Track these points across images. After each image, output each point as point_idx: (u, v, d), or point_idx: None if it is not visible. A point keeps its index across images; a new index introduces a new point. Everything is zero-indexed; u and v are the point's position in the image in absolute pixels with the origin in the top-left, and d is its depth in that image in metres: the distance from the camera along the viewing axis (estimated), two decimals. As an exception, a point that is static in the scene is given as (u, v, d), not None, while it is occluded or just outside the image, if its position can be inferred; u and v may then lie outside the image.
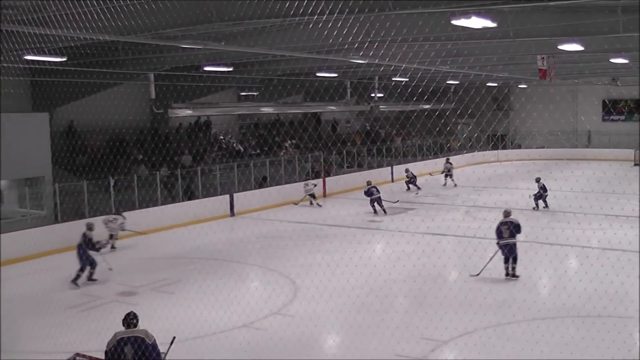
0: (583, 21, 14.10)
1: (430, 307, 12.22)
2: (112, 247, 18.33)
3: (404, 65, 19.31)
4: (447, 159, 31.93)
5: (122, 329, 7.47)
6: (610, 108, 43.45)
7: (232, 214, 23.38)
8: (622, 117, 44.16)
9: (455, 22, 12.02)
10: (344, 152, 32.09)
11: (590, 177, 29.79)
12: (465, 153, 39.69)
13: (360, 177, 30.14)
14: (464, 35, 14.85)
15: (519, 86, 43.47)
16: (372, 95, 33.44)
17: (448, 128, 43.29)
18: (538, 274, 14.44)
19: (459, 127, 43.66)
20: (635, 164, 38.08)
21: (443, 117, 40.75)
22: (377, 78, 31.95)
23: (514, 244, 14.27)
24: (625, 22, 13.78)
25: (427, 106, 36.37)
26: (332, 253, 16.75)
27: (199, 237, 19.01)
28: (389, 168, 32.84)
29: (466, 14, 11.60)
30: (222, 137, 30.56)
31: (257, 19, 11.06)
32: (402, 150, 37.36)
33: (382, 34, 12.86)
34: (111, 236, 18.35)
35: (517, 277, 14.25)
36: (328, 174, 29.83)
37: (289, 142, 31.54)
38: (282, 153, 30.03)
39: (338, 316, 12.05)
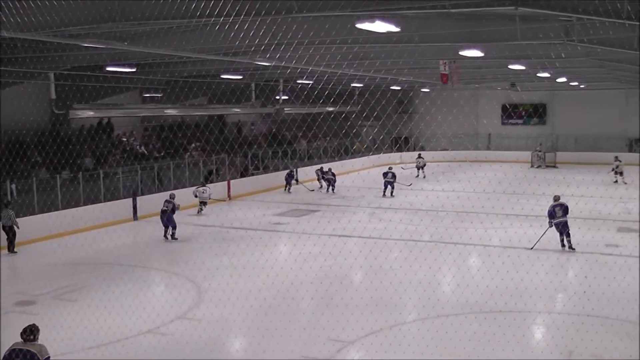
0: (484, 28, 14.71)
1: (337, 308, 12.43)
2: (200, 211, 24.01)
3: (310, 68, 19.51)
4: (419, 155, 35.24)
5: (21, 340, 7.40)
6: (511, 112, 45.55)
7: (136, 218, 22.95)
8: (521, 121, 46.44)
9: (359, 25, 12.27)
10: (250, 154, 32.05)
11: (492, 178, 31.11)
12: (372, 155, 40.45)
13: (265, 180, 30.22)
14: (371, 38, 15.17)
15: (422, 90, 44.70)
16: (278, 97, 33.62)
17: (354, 130, 43.98)
18: (443, 273, 14.93)
19: (364, 129, 44.47)
20: (532, 166, 40.12)
21: (349, 119, 41.40)
22: (282, 81, 32.13)
23: (566, 222, 17.30)
24: (524, 30, 14.48)
25: (332, 109, 36.86)
26: (237, 256, 16.73)
27: (102, 242, 18.59)
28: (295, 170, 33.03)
29: (371, 18, 11.88)
30: (125, 139, 29.91)
31: (162, 20, 10.94)
32: (308, 153, 37.64)
33: (288, 37, 12.95)
34: (202, 203, 24.01)
35: (573, 249, 17.21)
36: (243, 174, 29.91)
37: (194, 144, 31.23)
38: (187, 156, 29.72)
39: (245, 319, 12.08)
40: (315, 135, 40.09)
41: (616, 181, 29.93)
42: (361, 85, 35.98)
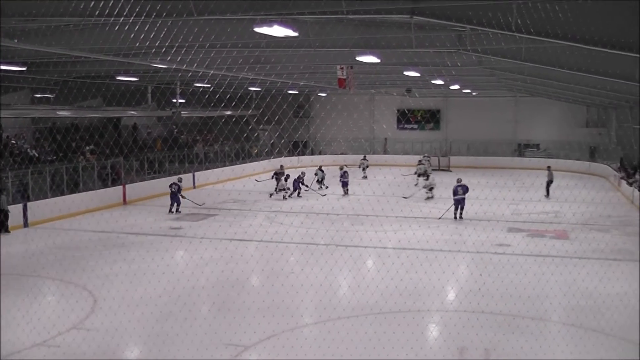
0: (381, 35, 15.15)
1: (237, 312, 12.44)
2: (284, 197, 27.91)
3: (211, 72, 19.45)
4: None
5: None
6: (408, 117, 46.84)
7: (26, 224, 22.07)
8: (416, 126, 47.80)
9: (258, 29, 12.36)
10: (145, 158, 31.42)
11: (392, 181, 31.88)
12: (273, 158, 40.55)
13: (160, 184, 29.73)
14: (272, 43, 15.31)
15: (320, 94, 45.29)
16: (174, 100, 33.19)
17: (256, 134, 44.04)
18: (340, 275, 15.19)
19: (264, 133, 44.59)
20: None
21: (249, 123, 41.40)
22: (179, 83, 31.78)
23: (464, 199, 22.52)
24: (419, 38, 15.02)
25: (229, 112, 36.79)
26: (134, 262, 16.37)
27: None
28: (191, 174, 32.67)
29: (269, 23, 12.00)
30: (14, 142, 28.72)
31: (54, 17, 10.65)
32: (207, 157, 37.32)
33: (189, 39, 12.89)
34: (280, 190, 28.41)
35: (462, 218, 22.47)
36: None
37: (87, 147, 30.35)
38: (80, 159, 28.85)
39: (142, 327, 11.88)
40: (216, 139, 39.84)
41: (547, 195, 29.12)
42: (262, 89, 36.07)
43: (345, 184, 29.83)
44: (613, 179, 33.66)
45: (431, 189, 27.84)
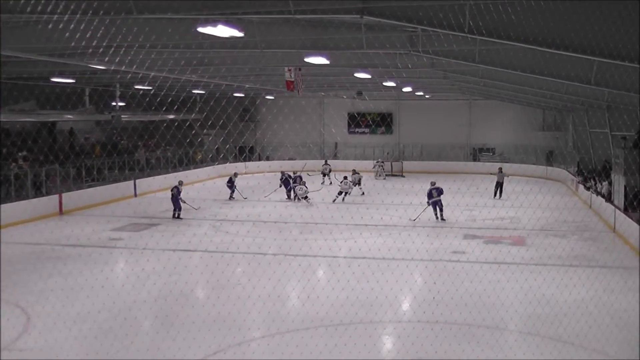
0: (331, 36, 15.23)
1: (182, 326, 12.30)
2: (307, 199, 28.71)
3: (152, 74, 19.27)
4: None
5: None
6: (359, 121, 47.17)
7: (-49, 237, 21.47)
8: (367, 130, 48.11)
9: (201, 29, 12.30)
10: (82, 165, 30.85)
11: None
12: (217, 164, 40.36)
13: (102, 192, 29.31)
14: (216, 44, 15.24)
15: (267, 97, 45.22)
16: (114, 103, 32.76)
17: (199, 139, 43.74)
18: (291, 286, 15.18)
19: (208, 138, 44.33)
20: (377, 177, 40.85)
21: (193, 127, 41.15)
22: (118, 85, 31.38)
23: (440, 200, 23.93)
24: (370, 39, 15.15)
25: (173, 116, 36.48)
26: (69, 276, 16.04)
27: None
28: (132, 182, 32.26)
29: (213, 22, 11.95)
30: (-63, 148, 27.97)
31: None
32: (149, 163, 36.92)
33: (128, 39, 12.75)
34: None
35: (444, 219, 23.89)
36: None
37: (20, 154, 29.69)
38: (12, 166, 28.20)
39: (79, 345, 11.64)
40: (158, 144, 39.44)
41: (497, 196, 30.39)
42: (205, 92, 35.86)
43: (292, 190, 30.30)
44: (570, 183, 34.47)
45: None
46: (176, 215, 25.14)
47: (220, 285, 15.15)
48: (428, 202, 24.11)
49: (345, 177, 30.18)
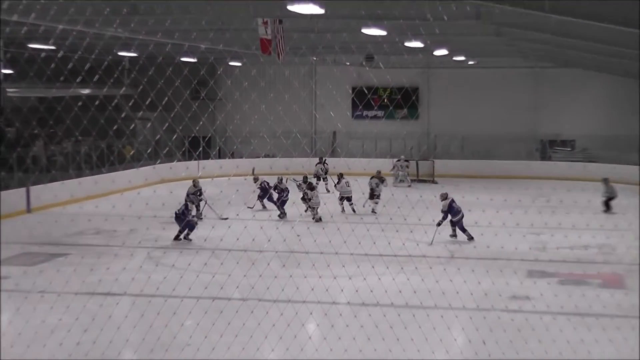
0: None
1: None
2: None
3: (59, 27, 19.13)
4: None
5: None
6: (369, 100, 46.72)
7: None
8: (381, 113, 47.38)
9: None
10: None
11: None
12: (159, 163, 40.04)
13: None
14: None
15: (233, 64, 44.64)
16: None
17: (132, 126, 43.54)
18: (269, 347, 15.04)
19: (144, 124, 44.11)
20: (395, 181, 40.75)
21: (121, 108, 40.96)
22: (2, 44, 31.26)
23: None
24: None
25: (88, 91, 36.23)
26: None
27: None
28: (24, 190, 32.04)
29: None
30: None
31: None
32: (53, 162, 36.73)
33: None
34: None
35: (472, 238, 25.32)
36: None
37: None
38: None
39: None
40: (67, 134, 39.27)
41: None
42: (141, 56, 35.78)
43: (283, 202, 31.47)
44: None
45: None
46: (183, 237, 26.35)
47: (162, 347, 14.98)
48: (449, 220, 25.58)
49: (341, 175, 30.47)
